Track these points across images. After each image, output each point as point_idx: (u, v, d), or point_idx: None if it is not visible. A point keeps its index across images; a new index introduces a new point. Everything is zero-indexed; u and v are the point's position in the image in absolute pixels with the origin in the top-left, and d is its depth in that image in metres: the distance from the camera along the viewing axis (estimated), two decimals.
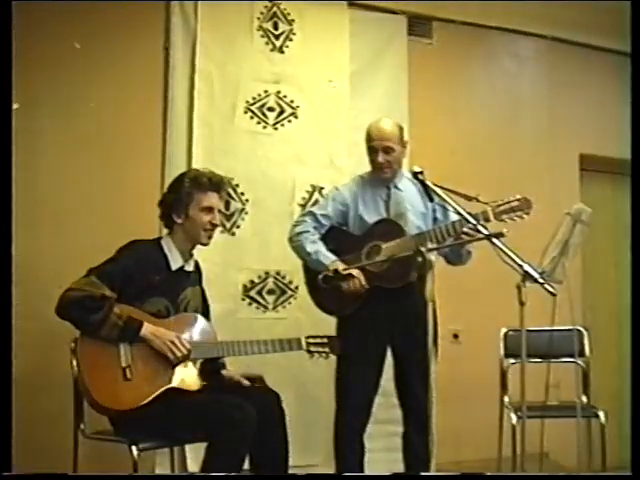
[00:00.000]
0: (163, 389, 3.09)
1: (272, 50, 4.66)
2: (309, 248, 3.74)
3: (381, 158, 3.72)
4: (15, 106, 3.92)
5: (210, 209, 3.32)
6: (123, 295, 3.12)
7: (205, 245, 3.40)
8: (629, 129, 3.45)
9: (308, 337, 3.44)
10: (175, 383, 3.13)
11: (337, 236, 3.77)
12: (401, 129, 3.80)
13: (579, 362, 4.14)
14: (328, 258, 3.69)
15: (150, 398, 3.04)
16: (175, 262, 3.32)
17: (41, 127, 4.14)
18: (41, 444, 3.88)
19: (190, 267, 3.41)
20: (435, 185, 3.32)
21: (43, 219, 4.11)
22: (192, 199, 3.30)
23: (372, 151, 3.76)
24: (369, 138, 3.77)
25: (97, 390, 3.03)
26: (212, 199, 3.33)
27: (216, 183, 3.37)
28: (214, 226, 3.35)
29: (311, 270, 3.76)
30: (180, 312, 3.31)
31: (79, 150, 4.23)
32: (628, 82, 3.56)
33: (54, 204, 4.16)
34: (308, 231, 3.79)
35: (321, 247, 3.75)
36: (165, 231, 3.43)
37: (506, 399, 4.23)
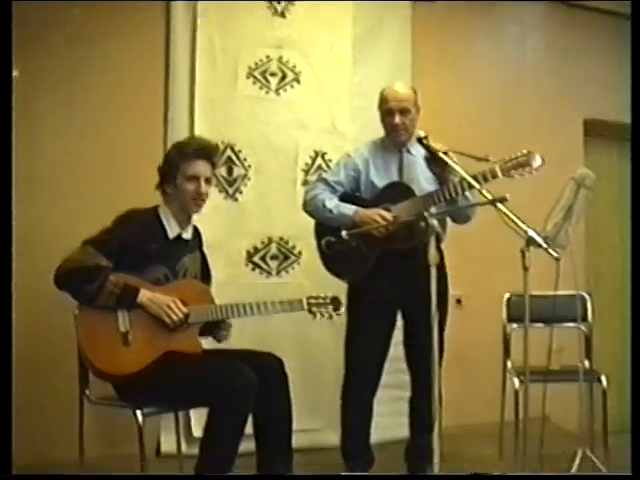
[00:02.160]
0: (162, 353, 3.11)
1: (274, 14, 4.61)
2: (328, 204, 3.73)
3: (398, 119, 3.69)
4: (14, 73, 3.90)
5: (195, 178, 3.30)
6: (121, 264, 3.14)
7: (196, 213, 3.40)
8: None
9: (309, 297, 3.45)
10: (174, 347, 3.16)
11: (349, 202, 3.74)
12: (415, 92, 3.79)
13: (582, 327, 4.15)
14: (350, 209, 3.69)
15: (150, 362, 3.07)
16: (172, 230, 3.34)
17: (41, 98, 4.12)
18: (47, 411, 3.92)
19: (188, 234, 3.42)
20: (442, 149, 3.34)
21: (44, 192, 4.10)
22: (178, 169, 3.30)
23: (388, 113, 3.73)
24: (385, 100, 3.74)
25: (97, 356, 3.06)
26: (197, 168, 3.30)
27: (202, 151, 3.35)
28: (200, 195, 3.32)
29: (322, 234, 3.75)
30: (179, 279, 3.32)
31: (79, 121, 4.21)
32: None
33: (55, 177, 4.15)
34: (322, 193, 3.78)
35: (339, 202, 3.75)
36: (162, 200, 3.43)
37: (509, 364, 4.25)
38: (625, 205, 5.28)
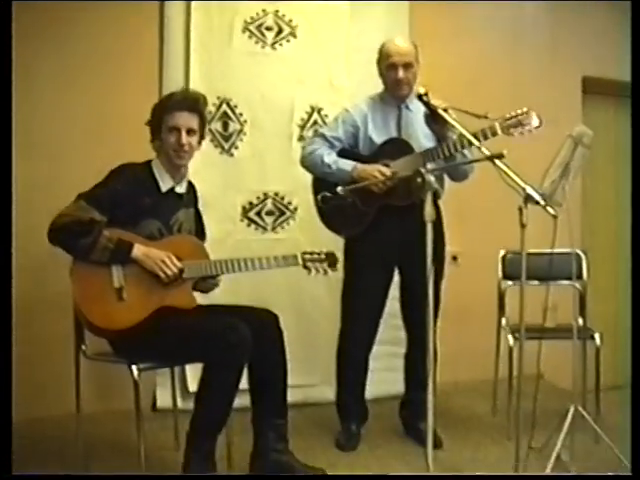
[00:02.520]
0: (157, 308, 3.11)
1: None
2: (327, 159, 3.72)
3: (401, 74, 3.68)
4: None
5: (176, 129, 3.25)
6: (115, 219, 3.12)
7: (180, 165, 3.31)
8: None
9: (304, 253, 3.44)
10: (169, 302, 3.15)
11: (347, 157, 3.74)
12: (416, 47, 3.77)
13: (576, 285, 4.16)
14: (349, 164, 3.69)
15: (144, 317, 3.07)
16: (165, 184, 3.31)
17: (37, 56, 4.08)
18: (43, 366, 3.93)
19: (182, 189, 3.39)
20: (441, 105, 3.33)
21: (42, 149, 4.08)
22: (162, 121, 3.27)
23: (391, 67, 3.71)
24: (387, 55, 3.72)
25: (91, 311, 3.05)
26: (178, 119, 3.25)
27: (184, 102, 3.29)
28: (182, 146, 3.25)
29: (319, 189, 3.74)
30: (173, 234, 3.31)
31: (75, 78, 4.17)
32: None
33: (52, 134, 4.13)
34: (320, 148, 3.77)
35: (338, 157, 3.75)
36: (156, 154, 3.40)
37: (503, 321, 4.27)
38: (622, 163, 5.27)
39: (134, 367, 3.05)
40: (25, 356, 3.63)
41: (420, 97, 3.39)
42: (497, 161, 2.85)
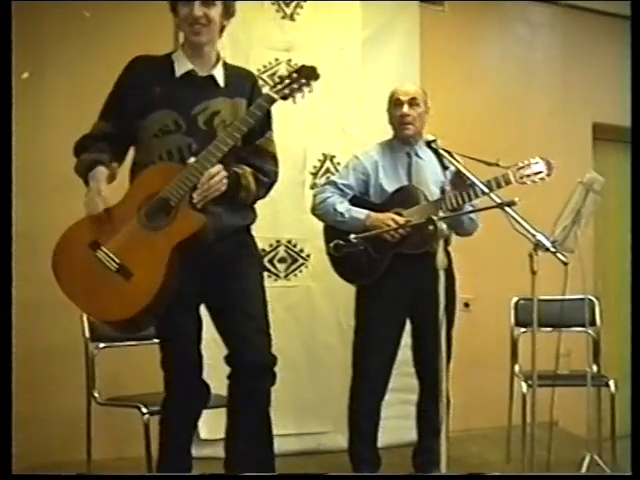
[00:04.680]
0: (169, 257, 2.63)
1: (283, 18, 4.61)
2: (340, 208, 3.73)
3: (406, 109, 3.72)
4: (25, 75, 3.92)
5: None
6: (122, 116, 2.84)
7: (195, 43, 2.85)
8: None
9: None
10: (177, 237, 2.65)
11: (358, 205, 3.75)
12: (425, 93, 3.83)
13: (590, 331, 4.15)
14: (362, 213, 3.69)
15: (159, 279, 2.62)
16: (180, 67, 2.87)
17: (52, 96, 4.14)
18: (55, 413, 3.93)
19: (217, 73, 2.91)
20: (452, 153, 3.34)
21: (55, 188, 4.09)
22: None
23: (397, 104, 3.76)
24: (394, 94, 3.80)
25: (104, 311, 2.68)
26: None
27: None
28: (196, 19, 2.77)
29: (331, 237, 3.75)
30: (198, 125, 2.82)
31: (90, 119, 4.22)
32: None
33: (67, 173, 4.15)
34: (332, 196, 3.79)
35: (350, 206, 3.75)
36: None
37: (516, 368, 4.24)
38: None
39: (145, 410, 3.06)
40: (36, 402, 3.63)
41: (429, 144, 3.41)
42: (507, 209, 2.86)
